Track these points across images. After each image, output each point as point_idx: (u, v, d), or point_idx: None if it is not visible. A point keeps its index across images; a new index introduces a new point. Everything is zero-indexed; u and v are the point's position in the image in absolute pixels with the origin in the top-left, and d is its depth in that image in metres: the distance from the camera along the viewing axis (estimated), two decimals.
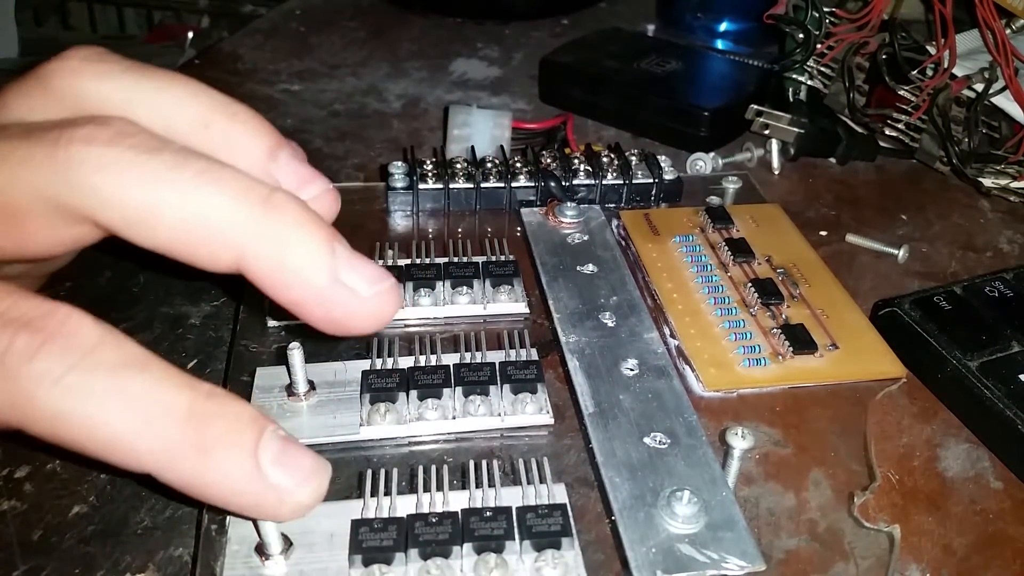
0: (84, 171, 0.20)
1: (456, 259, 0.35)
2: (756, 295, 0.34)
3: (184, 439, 0.19)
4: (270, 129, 0.24)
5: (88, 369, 0.19)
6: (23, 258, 0.22)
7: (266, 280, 0.21)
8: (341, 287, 0.21)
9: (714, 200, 0.41)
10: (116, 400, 0.19)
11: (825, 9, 0.45)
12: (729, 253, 0.36)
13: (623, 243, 0.38)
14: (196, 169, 0.20)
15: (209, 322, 0.34)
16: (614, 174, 0.40)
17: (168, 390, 0.19)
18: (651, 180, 0.41)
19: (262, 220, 0.20)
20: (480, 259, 0.35)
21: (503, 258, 0.35)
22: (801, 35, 0.46)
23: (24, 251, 0.22)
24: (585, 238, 0.37)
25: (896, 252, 0.39)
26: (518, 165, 0.40)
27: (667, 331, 0.33)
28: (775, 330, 0.32)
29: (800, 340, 0.32)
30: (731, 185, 0.41)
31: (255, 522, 0.23)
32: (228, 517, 0.24)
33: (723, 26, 0.63)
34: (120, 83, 0.23)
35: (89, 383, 0.19)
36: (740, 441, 0.26)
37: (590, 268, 0.35)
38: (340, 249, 0.21)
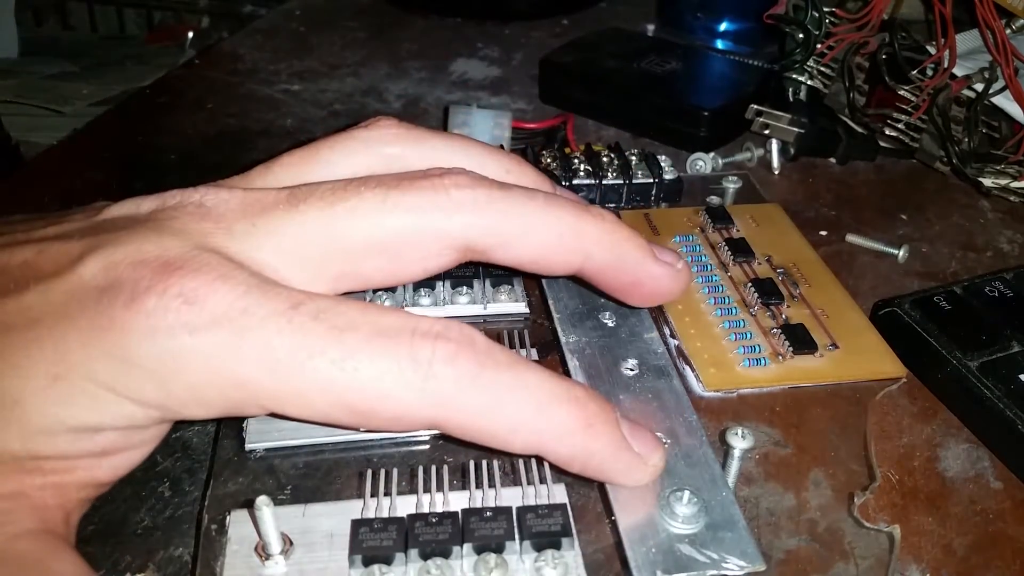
0: (466, 210, 0.24)
1: None
2: (756, 295, 0.34)
3: (573, 418, 0.23)
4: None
5: (495, 368, 0.22)
6: (391, 285, 0.26)
7: (607, 273, 0.27)
8: (662, 264, 0.27)
9: (714, 200, 0.41)
10: (521, 391, 0.22)
11: (825, 9, 0.45)
12: (729, 253, 0.36)
13: None
14: (543, 199, 0.26)
15: None
16: (614, 174, 0.40)
17: (551, 379, 0.23)
18: (651, 180, 0.41)
19: (599, 227, 0.26)
20: None
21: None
22: (801, 35, 0.46)
23: (397, 280, 0.26)
24: None
25: (896, 252, 0.39)
26: None
27: (667, 331, 0.33)
28: (775, 330, 0.32)
29: (800, 340, 0.32)
30: (731, 185, 0.41)
31: (255, 522, 0.23)
32: (228, 517, 0.24)
33: (723, 26, 0.63)
34: (433, 146, 0.28)
35: (499, 379, 0.22)
36: (740, 441, 0.26)
37: None
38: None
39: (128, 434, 0.22)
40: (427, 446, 0.28)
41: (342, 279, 0.24)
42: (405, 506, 0.24)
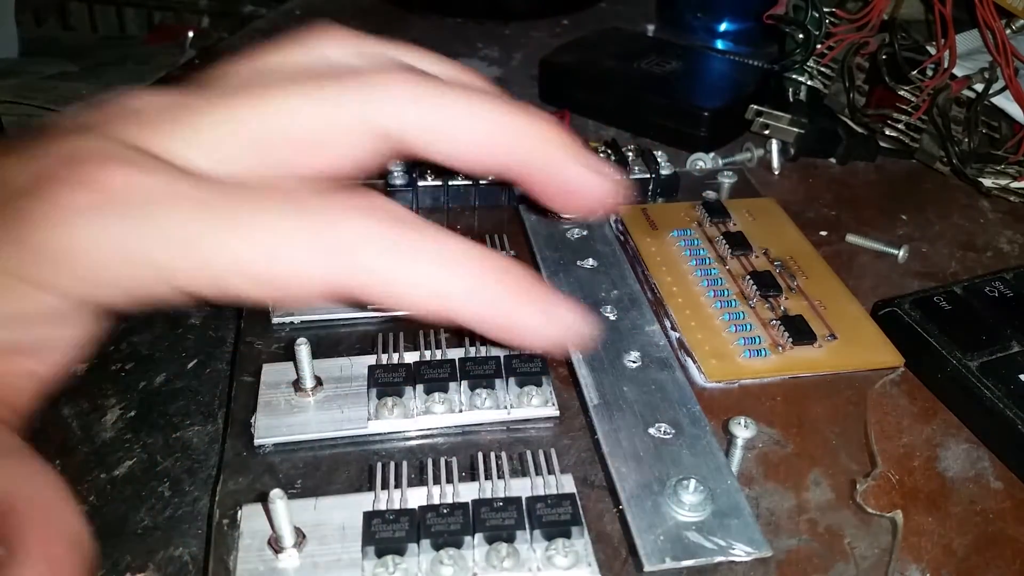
0: (396, 101, 0.24)
1: None
2: (755, 287, 0.34)
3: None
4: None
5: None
6: (318, 174, 0.25)
7: (535, 178, 0.26)
8: (592, 169, 0.26)
9: (710, 195, 0.41)
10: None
11: (825, 9, 0.45)
12: (727, 246, 0.37)
13: (622, 238, 0.38)
14: (474, 96, 0.25)
15: (209, 322, 0.34)
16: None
17: None
18: (648, 175, 0.41)
19: (538, 133, 0.25)
20: None
21: (504, 253, 0.35)
22: (801, 35, 0.47)
23: (323, 169, 0.25)
24: (584, 233, 0.37)
25: (896, 252, 0.39)
26: None
27: (668, 324, 0.33)
28: (774, 321, 0.33)
29: (799, 331, 0.32)
30: (726, 180, 0.41)
31: (269, 515, 0.23)
32: (239, 511, 0.24)
33: (723, 26, 0.63)
34: (376, 50, 0.27)
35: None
36: (743, 430, 0.26)
37: (590, 263, 0.35)
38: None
39: (54, 324, 0.22)
40: (435, 439, 0.28)
41: (263, 170, 0.24)
42: (415, 498, 0.24)
